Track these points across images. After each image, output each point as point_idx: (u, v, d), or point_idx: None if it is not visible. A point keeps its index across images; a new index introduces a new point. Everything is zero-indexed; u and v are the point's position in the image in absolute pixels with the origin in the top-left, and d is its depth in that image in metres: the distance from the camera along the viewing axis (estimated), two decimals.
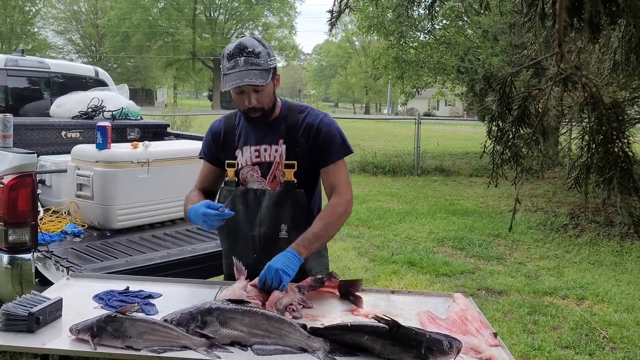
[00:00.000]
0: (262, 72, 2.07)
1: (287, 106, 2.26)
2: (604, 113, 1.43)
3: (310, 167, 2.22)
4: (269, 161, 2.22)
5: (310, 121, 2.21)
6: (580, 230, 7.25)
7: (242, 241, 2.26)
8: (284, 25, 50.59)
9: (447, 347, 1.69)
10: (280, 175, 2.21)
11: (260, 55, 2.08)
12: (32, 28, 45.32)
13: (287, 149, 2.20)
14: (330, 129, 2.21)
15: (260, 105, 2.12)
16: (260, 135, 2.23)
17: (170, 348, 1.71)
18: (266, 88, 2.11)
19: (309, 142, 2.19)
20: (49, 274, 2.96)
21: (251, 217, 2.23)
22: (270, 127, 2.22)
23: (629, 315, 4.48)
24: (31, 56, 5.36)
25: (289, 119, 2.22)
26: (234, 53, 2.08)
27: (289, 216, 2.20)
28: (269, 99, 2.15)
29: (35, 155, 3.05)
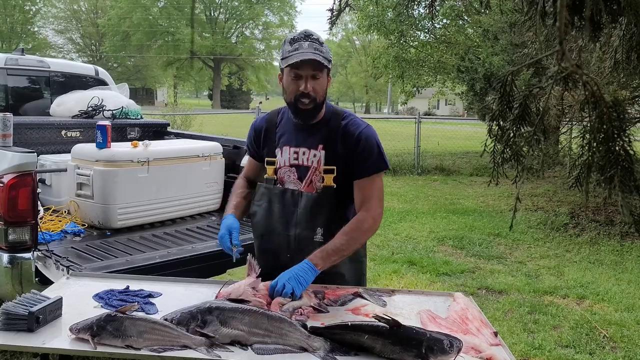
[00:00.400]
0: (325, 59, 2.08)
1: (330, 110, 2.24)
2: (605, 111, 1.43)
3: (347, 175, 2.18)
4: (307, 165, 2.20)
5: (351, 130, 2.18)
6: (580, 229, 7.25)
7: (277, 240, 2.24)
8: (284, 24, 50.55)
9: (447, 346, 1.69)
10: (317, 180, 2.19)
11: (323, 45, 2.11)
12: (32, 27, 45.33)
13: (326, 154, 2.17)
14: (369, 141, 2.17)
15: (314, 94, 2.10)
16: (301, 138, 2.22)
17: (170, 347, 1.70)
18: (323, 79, 2.12)
19: (347, 150, 2.16)
20: (49, 273, 2.95)
21: (287, 216, 2.21)
22: (311, 130, 2.20)
23: (629, 315, 4.48)
24: (31, 55, 5.35)
25: (330, 124, 2.20)
26: (299, 37, 2.10)
27: (325, 220, 2.18)
28: (322, 91, 2.14)
29: (35, 155, 3.05)
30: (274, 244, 2.26)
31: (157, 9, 46.64)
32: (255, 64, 49.79)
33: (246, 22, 49.83)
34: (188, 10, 46.53)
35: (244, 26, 50.31)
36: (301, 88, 2.09)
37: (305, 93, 2.09)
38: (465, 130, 15.78)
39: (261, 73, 50.11)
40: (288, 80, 2.12)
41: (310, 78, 2.08)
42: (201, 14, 48.18)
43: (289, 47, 2.09)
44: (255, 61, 49.74)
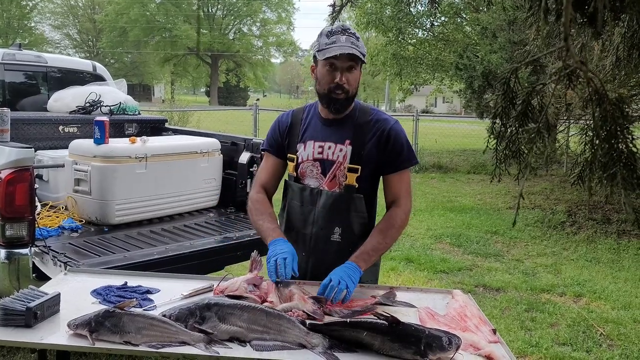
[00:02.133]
0: (361, 53, 2.07)
1: (357, 106, 2.22)
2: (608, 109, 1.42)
3: (373, 172, 2.18)
4: (332, 160, 2.17)
5: (381, 126, 2.18)
6: (577, 227, 7.26)
7: (294, 237, 2.22)
8: (282, 21, 50.43)
9: (446, 343, 1.69)
10: (340, 176, 2.17)
11: (359, 39, 2.10)
12: (29, 23, 45.13)
13: (353, 150, 2.15)
14: (400, 137, 2.18)
15: (348, 86, 2.09)
16: (327, 132, 2.20)
17: (168, 343, 1.70)
18: (357, 72, 2.12)
19: (377, 146, 2.16)
20: (46, 269, 2.94)
21: (305, 214, 2.20)
22: (338, 125, 2.19)
23: (626, 313, 4.49)
24: (28, 50, 5.33)
25: (358, 119, 2.19)
26: (336, 31, 2.09)
27: (344, 220, 2.17)
28: (356, 84, 2.14)
29: (32, 150, 3.03)
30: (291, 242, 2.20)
31: (155, 5, 46.48)
32: (253, 60, 49.68)
33: (244, 19, 49.68)
34: (185, 7, 46.41)
35: (242, 23, 50.16)
36: (336, 80, 2.08)
37: (340, 85, 2.09)
38: (462, 128, 15.80)
39: (259, 70, 50.01)
40: (323, 72, 2.11)
41: (346, 70, 2.08)
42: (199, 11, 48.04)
43: (325, 40, 2.08)
44: (252, 58, 49.63)
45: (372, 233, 2.13)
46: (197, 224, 3.85)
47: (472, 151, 14.59)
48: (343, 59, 2.05)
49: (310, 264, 2.13)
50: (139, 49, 46.39)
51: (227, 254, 3.51)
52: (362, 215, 2.19)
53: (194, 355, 1.70)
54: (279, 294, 1.98)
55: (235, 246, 3.53)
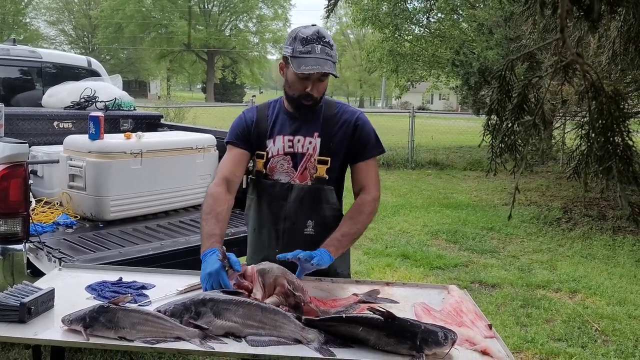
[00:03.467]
0: (334, 65, 2.10)
1: (323, 101, 2.24)
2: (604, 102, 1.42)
3: (342, 163, 2.22)
4: (302, 152, 2.20)
5: (347, 117, 2.23)
6: (573, 224, 7.28)
7: (266, 234, 2.24)
8: (278, 17, 50.34)
9: (442, 338, 1.69)
10: (311, 168, 2.20)
11: (333, 48, 2.11)
12: (23, 18, 44.91)
13: (322, 142, 2.19)
14: (366, 127, 2.23)
15: (317, 94, 2.14)
16: (296, 126, 2.22)
17: (163, 339, 1.69)
18: (327, 81, 2.15)
19: (344, 138, 2.20)
20: (41, 265, 2.93)
21: (275, 210, 2.21)
22: (306, 118, 2.22)
23: (620, 308, 4.50)
24: (23, 46, 5.30)
25: (325, 113, 2.23)
26: (312, 39, 2.07)
27: (317, 213, 2.19)
28: (324, 92, 2.18)
29: (27, 145, 3.01)
30: (263, 238, 2.26)
31: (151, 1, 46.32)
32: (249, 57, 49.60)
33: (240, 15, 49.57)
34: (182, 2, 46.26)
35: (238, 19, 50.05)
36: (307, 89, 2.11)
37: (310, 94, 2.12)
38: (459, 124, 15.81)
39: (255, 66, 49.93)
40: (294, 79, 2.12)
41: (317, 81, 2.11)
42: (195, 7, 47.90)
43: (300, 47, 2.07)
44: (249, 54, 49.55)
45: (342, 220, 2.16)
46: (193, 220, 3.84)
47: (468, 148, 14.61)
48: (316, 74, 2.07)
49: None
50: (134, 45, 46.24)
51: None
52: (334, 206, 2.22)
53: (189, 351, 1.70)
54: (262, 283, 1.95)
55: (230, 242, 3.51)
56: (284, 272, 1.95)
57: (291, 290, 1.89)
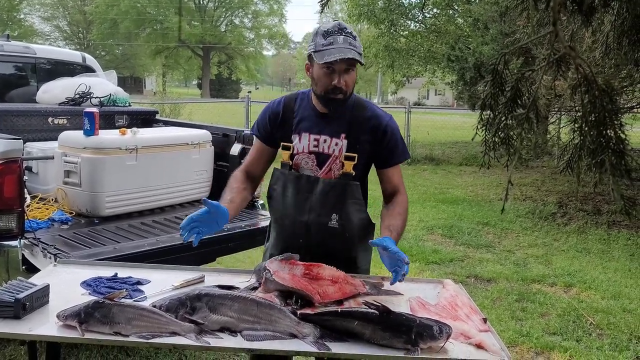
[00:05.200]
0: (358, 54, 2.06)
1: (353, 99, 2.22)
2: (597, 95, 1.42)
3: (366, 163, 2.23)
4: (327, 153, 2.19)
5: (377, 122, 2.21)
6: (568, 218, 7.30)
7: (291, 226, 2.24)
8: (273, 13, 50.19)
9: (437, 332, 1.69)
10: (336, 169, 2.19)
11: (357, 39, 2.09)
12: (18, 14, 44.66)
13: (349, 143, 2.18)
14: (395, 134, 2.23)
15: (347, 88, 2.10)
16: (322, 125, 2.20)
17: (159, 334, 1.69)
18: (354, 72, 2.11)
19: (371, 141, 2.20)
20: (36, 261, 2.92)
21: (301, 202, 2.20)
22: (333, 118, 2.20)
23: (615, 302, 4.52)
24: (17, 41, 5.27)
25: (354, 113, 2.20)
26: (333, 31, 2.06)
27: (342, 207, 2.19)
28: (353, 84, 2.14)
29: (21, 141, 3.00)
30: (287, 229, 2.26)
31: None
32: (245, 53, 49.44)
33: (236, 11, 49.41)
34: None
35: (234, 14, 49.88)
36: (334, 82, 2.07)
37: (339, 87, 2.08)
38: (454, 120, 15.83)
39: (251, 62, 49.79)
40: (320, 74, 2.10)
41: (344, 72, 2.07)
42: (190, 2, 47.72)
43: (322, 41, 2.06)
44: (244, 50, 49.40)
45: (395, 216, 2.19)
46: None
47: (464, 143, 14.62)
48: (342, 63, 2.04)
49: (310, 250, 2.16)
50: (129, 41, 46.05)
51: (218, 246, 3.50)
52: (359, 202, 2.22)
53: (184, 346, 1.70)
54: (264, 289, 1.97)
55: (227, 238, 3.52)
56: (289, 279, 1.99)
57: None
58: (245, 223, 3.76)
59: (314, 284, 1.98)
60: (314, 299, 1.92)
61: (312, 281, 1.99)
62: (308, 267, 2.03)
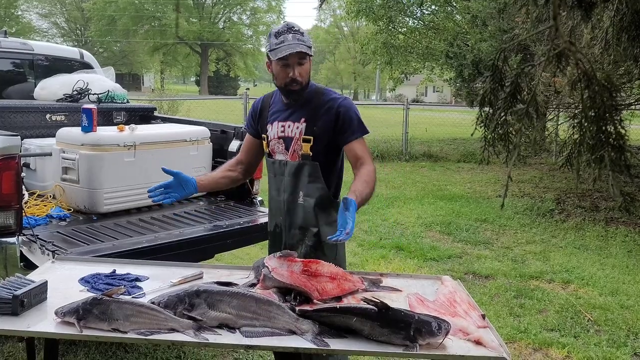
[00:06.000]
0: (307, 47, 2.34)
1: (313, 89, 2.49)
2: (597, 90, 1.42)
3: (327, 144, 2.44)
4: (290, 136, 2.47)
5: (332, 104, 2.44)
6: (566, 215, 7.31)
7: (274, 205, 2.57)
8: (272, 9, 50.17)
9: (435, 328, 1.70)
10: (298, 150, 2.46)
11: (304, 34, 2.37)
12: (15, 11, 44.52)
13: (307, 126, 2.44)
14: (348, 111, 2.44)
15: (301, 78, 2.38)
16: (288, 113, 2.50)
17: (157, 330, 1.69)
18: (307, 64, 2.39)
19: (328, 121, 2.43)
20: (34, 257, 2.92)
21: (278, 184, 2.53)
22: (296, 106, 2.49)
23: (613, 299, 4.53)
24: (14, 38, 5.25)
25: (313, 101, 2.47)
26: (283, 31, 2.36)
27: (304, 185, 2.45)
28: (307, 75, 2.42)
29: (19, 138, 2.99)
30: (273, 209, 2.59)
31: None
32: (243, 49, 49.39)
33: (234, 7, 49.35)
34: None
35: (232, 11, 49.83)
36: (290, 75, 2.36)
37: (294, 78, 2.37)
38: (453, 117, 15.81)
39: (249, 59, 49.75)
40: (277, 69, 2.38)
41: (297, 65, 2.35)
42: None
43: (275, 40, 2.34)
44: (242, 47, 49.34)
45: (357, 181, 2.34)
46: (187, 212, 3.83)
47: (462, 140, 14.63)
48: (293, 57, 2.32)
49: (286, 224, 2.49)
50: (128, 37, 45.97)
51: (216, 242, 3.50)
52: (318, 179, 2.46)
53: (183, 342, 1.70)
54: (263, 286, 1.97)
55: (225, 234, 3.52)
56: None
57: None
58: (244, 220, 3.76)
59: (312, 280, 1.98)
60: (312, 296, 1.93)
61: (311, 278, 1.99)
62: (306, 264, 2.04)
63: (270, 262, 2.02)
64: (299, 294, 1.93)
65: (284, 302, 1.86)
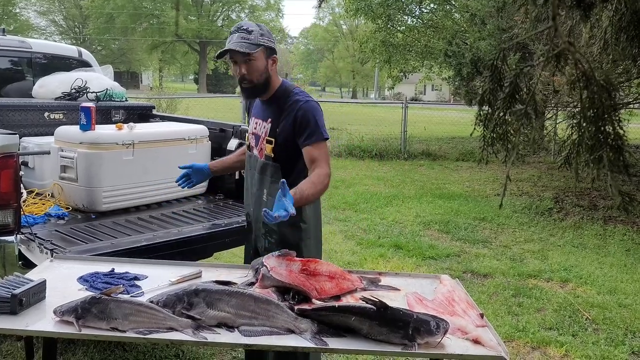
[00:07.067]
0: (250, 45, 2.35)
1: (283, 88, 2.52)
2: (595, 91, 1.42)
3: (289, 146, 2.45)
4: (258, 134, 2.56)
5: (294, 106, 2.45)
6: (564, 214, 7.32)
7: (248, 196, 2.68)
8: (270, 8, 50.14)
9: (434, 327, 1.70)
10: (263, 149, 2.52)
11: (252, 33, 2.39)
12: (13, 9, 44.41)
13: (271, 127, 2.49)
14: (307, 114, 2.42)
15: (249, 76, 2.40)
16: (261, 111, 2.58)
17: (156, 329, 1.69)
18: (255, 62, 2.39)
19: (288, 124, 2.44)
20: (32, 256, 2.91)
21: (251, 177, 2.62)
22: (266, 105, 2.55)
23: (611, 297, 4.54)
24: (12, 36, 5.24)
25: (279, 101, 2.48)
26: (233, 31, 2.43)
27: (268, 184, 2.51)
28: (258, 73, 2.41)
29: (17, 136, 2.99)
30: (248, 199, 2.69)
31: None
32: None
33: (232, 5, 49.28)
34: None
35: (230, 9, 49.77)
36: (236, 73, 2.44)
37: (242, 76, 2.41)
38: (451, 115, 15.82)
39: None
40: (232, 66, 2.48)
41: (243, 63, 2.38)
42: None
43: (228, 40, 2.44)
44: None
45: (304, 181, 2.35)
46: (185, 211, 3.83)
47: (460, 139, 14.64)
48: (236, 55, 2.37)
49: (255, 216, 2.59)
50: (126, 35, 45.88)
51: (215, 241, 3.50)
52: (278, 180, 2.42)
53: (182, 341, 1.70)
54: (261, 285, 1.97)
55: (223, 233, 3.51)
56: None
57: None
58: (242, 218, 3.75)
59: (311, 279, 1.98)
60: (311, 295, 1.93)
61: (310, 277, 1.99)
62: (305, 263, 2.04)
63: (269, 262, 2.02)
64: (298, 293, 1.93)
65: (283, 301, 1.86)
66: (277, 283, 1.94)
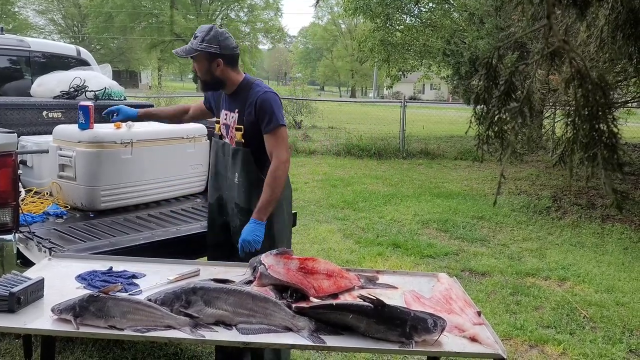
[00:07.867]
0: (189, 49, 2.73)
1: (246, 82, 2.82)
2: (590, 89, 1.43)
3: (256, 132, 2.74)
4: (229, 124, 2.84)
5: (254, 98, 2.73)
6: (562, 212, 7.33)
7: (220, 180, 2.93)
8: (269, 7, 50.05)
9: (431, 325, 1.71)
10: (233, 136, 2.81)
11: (196, 38, 2.72)
12: (12, 7, 44.32)
13: (239, 117, 2.79)
14: (264, 104, 2.71)
15: (199, 74, 2.79)
16: (229, 103, 2.87)
17: (154, 328, 1.70)
18: (197, 63, 2.76)
19: (251, 113, 2.73)
20: (31, 255, 2.92)
21: (221, 163, 2.90)
22: (233, 98, 2.85)
23: (609, 296, 4.55)
24: (11, 34, 5.23)
25: (244, 93, 2.79)
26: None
27: (239, 167, 2.79)
28: (202, 73, 2.77)
29: (15, 135, 2.99)
30: (218, 183, 2.93)
31: None
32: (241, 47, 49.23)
33: (231, 5, 49.23)
34: None
35: (229, 8, 49.70)
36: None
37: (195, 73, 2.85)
38: (450, 114, 15.83)
39: (246, 56, 49.62)
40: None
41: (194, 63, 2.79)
42: None
43: None
44: (240, 44, 49.21)
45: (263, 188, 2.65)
46: (184, 209, 3.83)
47: (459, 137, 14.64)
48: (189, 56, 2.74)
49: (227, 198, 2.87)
50: (125, 34, 45.80)
51: None
52: (250, 164, 2.77)
53: (180, 339, 1.71)
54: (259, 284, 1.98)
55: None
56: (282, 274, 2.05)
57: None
58: None
59: (309, 278, 1.99)
60: (309, 293, 1.94)
61: (307, 275, 2.00)
62: (303, 262, 2.04)
63: (267, 260, 2.03)
64: (296, 291, 1.94)
65: (281, 299, 1.87)
66: (275, 281, 1.95)
